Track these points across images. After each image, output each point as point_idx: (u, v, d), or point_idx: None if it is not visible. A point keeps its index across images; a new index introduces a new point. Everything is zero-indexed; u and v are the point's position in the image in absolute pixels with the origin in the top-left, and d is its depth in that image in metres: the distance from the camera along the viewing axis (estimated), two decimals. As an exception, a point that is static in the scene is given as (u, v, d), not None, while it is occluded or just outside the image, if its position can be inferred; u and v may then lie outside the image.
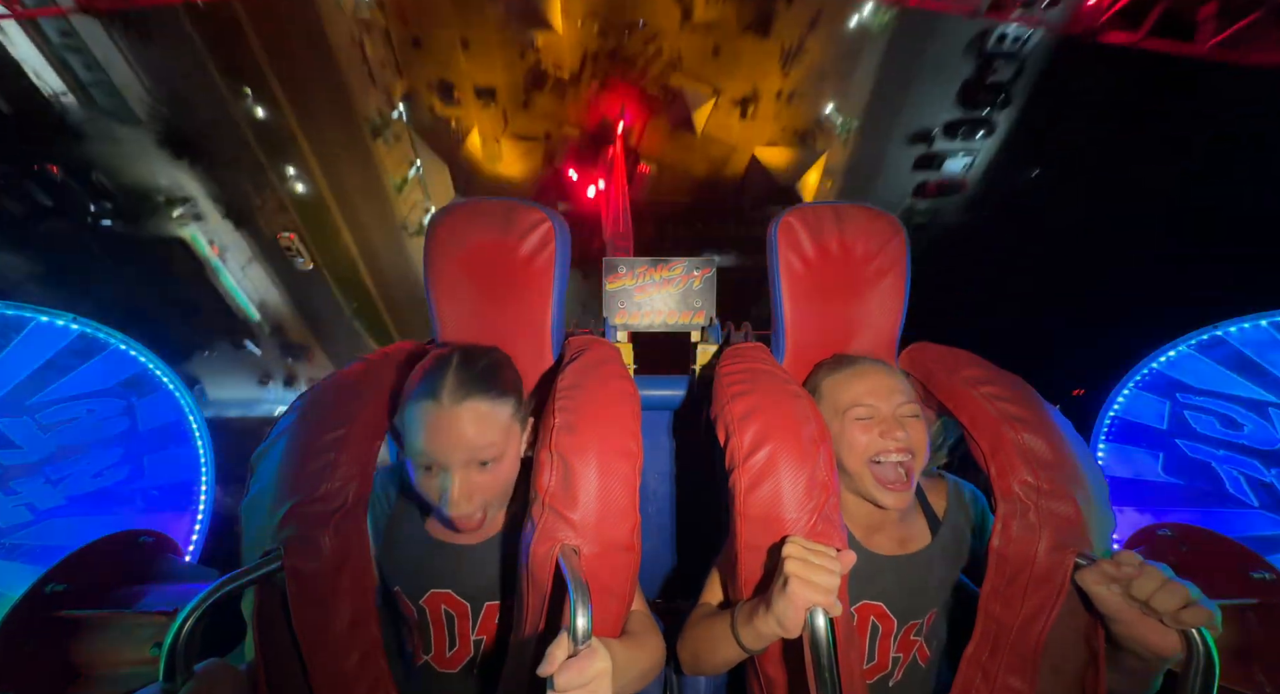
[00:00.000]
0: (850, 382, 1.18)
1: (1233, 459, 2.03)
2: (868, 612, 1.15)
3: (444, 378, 1.01)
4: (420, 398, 1.00)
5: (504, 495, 1.10)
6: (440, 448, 0.98)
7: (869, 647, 1.15)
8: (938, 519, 1.22)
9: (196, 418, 2.05)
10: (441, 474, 0.99)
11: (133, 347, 2.01)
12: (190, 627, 0.84)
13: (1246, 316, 2.05)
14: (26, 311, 1.89)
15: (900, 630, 1.15)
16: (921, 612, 1.16)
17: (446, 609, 1.12)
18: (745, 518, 1.00)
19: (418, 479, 1.02)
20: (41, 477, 1.86)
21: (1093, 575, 0.91)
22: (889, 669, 1.16)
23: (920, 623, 1.16)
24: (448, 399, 0.98)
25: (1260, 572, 1.39)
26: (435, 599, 1.12)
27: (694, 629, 1.11)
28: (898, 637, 1.15)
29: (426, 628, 1.13)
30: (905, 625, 1.15)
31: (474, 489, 1.00)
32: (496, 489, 1.05)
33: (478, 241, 1.28)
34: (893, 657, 1.16)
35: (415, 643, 1.15)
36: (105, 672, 1.36)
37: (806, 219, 1.33)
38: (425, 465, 1.00)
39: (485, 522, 1.06)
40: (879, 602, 1.15)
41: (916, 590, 1.16)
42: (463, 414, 0.98)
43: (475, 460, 1.00)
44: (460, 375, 1.01)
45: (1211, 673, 0.81)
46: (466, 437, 0.98)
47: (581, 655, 0.71)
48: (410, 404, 1.01)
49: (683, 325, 1.76)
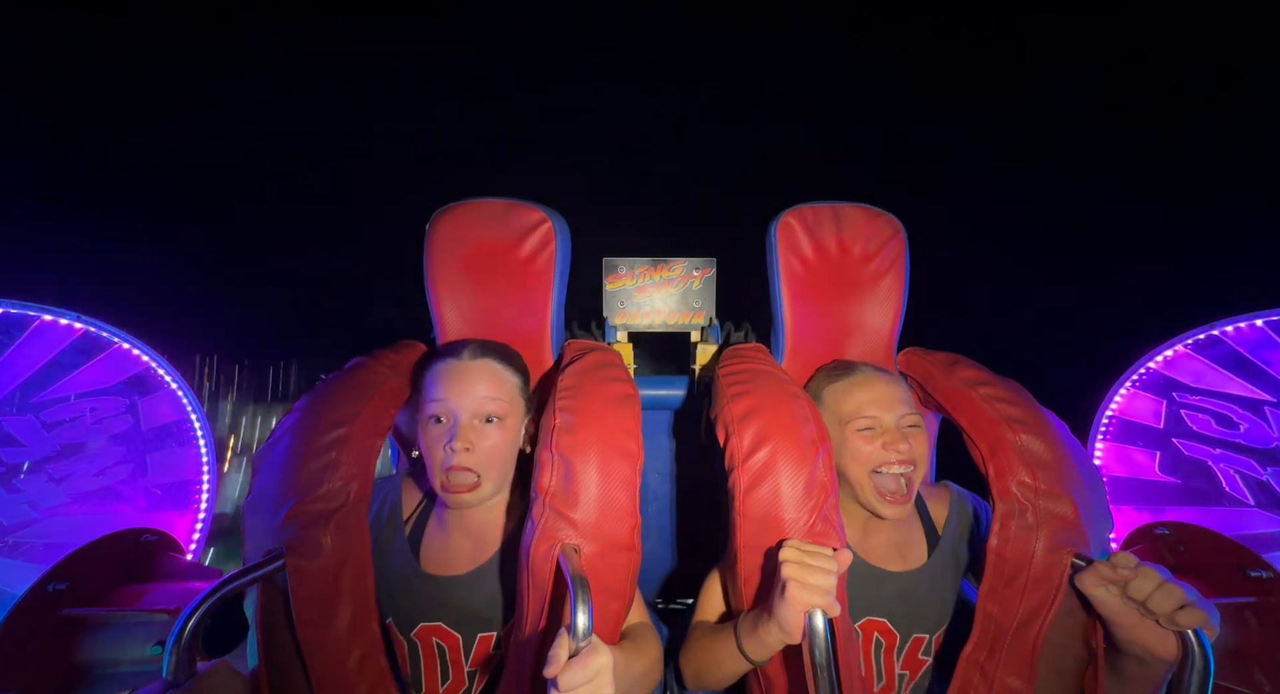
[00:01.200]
0: (852, 391, 1.17)
1: (1229, 458, 2.04)
2: (871, 628, 1.14)
3: (466, 344, 1.14)
4: (442, 358, 1.12)
5: (499, 475, 1.09)
6: (454, 392, 1.06)
7: (874, 664, 1.14)
8: (936, 532, 1.22)
9: (199, 417, 2.06)
10: (451, 424, 1.05)
11: (136, 346, 2.02)
12: (192, 625, 0.84)
13: (1243, 316, 2.06)
14: (30, 310, 1.90)
15: (904, 646, 1.15)
16: (925, 627, 1.15)
17: (438, 641, 1.10)
18: (745, 518, 1.00)
19: (426, 438, 1.07)
20: (44, 475, 1.86)
21: (1090, 578, 0.92)
22: (896, 689, 1.15)
23: (928, 640, 1.15)
24: (467, 355, 1.11)
25: (1258, 570, 1.40)
26: (426, 632, 1.10)
27: (695, 645, 1.10)
28: (902, 653, 1.15)
29: (418, 661, 1.11)
30: (909, 641, 1.15)
31: (476, 440, 1.04)
32: (494, 455, 1.07)
33: (478, 241, 1.29)
34: (898, 674, 1.15)
35: (406, 677, 1.12)
36: (107, 670, 1.37)
37: (805, 219, 1.33)
38: (436, 415, 1.07)
39: (478, 494, 1.05)
40: (881, 617, 1.14)
41: (917, 605, 1.15)
42: (479, 367, 1.10)
43: (483, 412, 1.07)
44: (480, 343, 1.16)
45: (1207, 674, 0.81)
46: (479, 386, 1.08)
47: (583, 653, 0.71)
48: (432, 366, 1.12)
49: (683, 325, 1.77)
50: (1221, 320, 2.10)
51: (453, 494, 1.04)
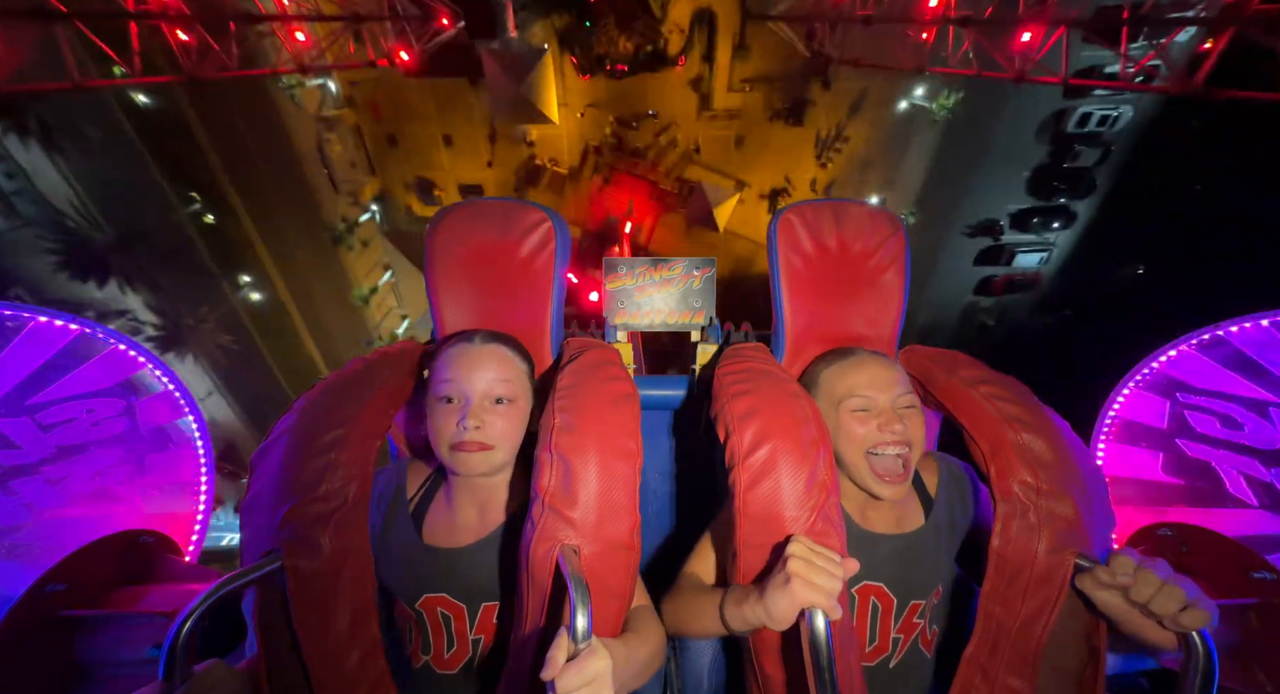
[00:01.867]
0: (848, 372, 1.18)
1: (1233, 459, 2.02)
2: (868, 592, 1.15)
3: (475, 331, 1.19)
4: (454, 343, 1.16)
5: (509, 449, 1.13)
6: (465, 375, 1.11)
7: (870, 628, 1.15)
8: (931, 498, 1.24)
9: (196, 418, 2.05)
10: (462, 404, 1.10)
11: (132, 347, 2.01)
12: (190, 627, 0.84)
13: (1247, 316, 2.05)
14: (25, 312, 1.89)
15: (902, 611, 1.15)
16: (922, 591, 1.17)
17: (443, 611, 1.12)
18: (745, 516, 0.99)
19: (436, 417, 1.10)
20: (41, 477, 1.86)
21: (1091, 582, 0.92)
22: (889, 651, 1.16)
23: (923, 604, 1.16)
24: (479, 340, 1.16)
25: (1260, 571, 1.40)
26: (431, 603, 1.12)
27: (680, 596, 1.12)
28: (899, 617, 1.15)
29: (425, 630, 1.13)
30: (907, 605, 1.15)
31: (487, 418, 1.09)
32: (506, 432, 1.11)
33: (478, 241, 1.29)
34: (893, 637, 1.16)
35: (414, 645, 1.15)
36: (105, 672, 1.36)
37: (805, 217, 1.33)
38: (447, 395, 1.10)
39: (489, 459, 1.09)
40: (878, 582, 1.16)
41: (915, 568, 1.17)
42: (490, 351, 1.15)
43: (493, 394, 1.11)
44: (489, 331, 1.20)
45: (1211, 675, 0.81)
46: (490, 368, 1.12)
47: (582, 656, 0.71)
48: (443, 351, 1.16)
49: (682, 325, 1.76)
50: (1226, 320, 2.09)
51: (464, 453, 1.07)
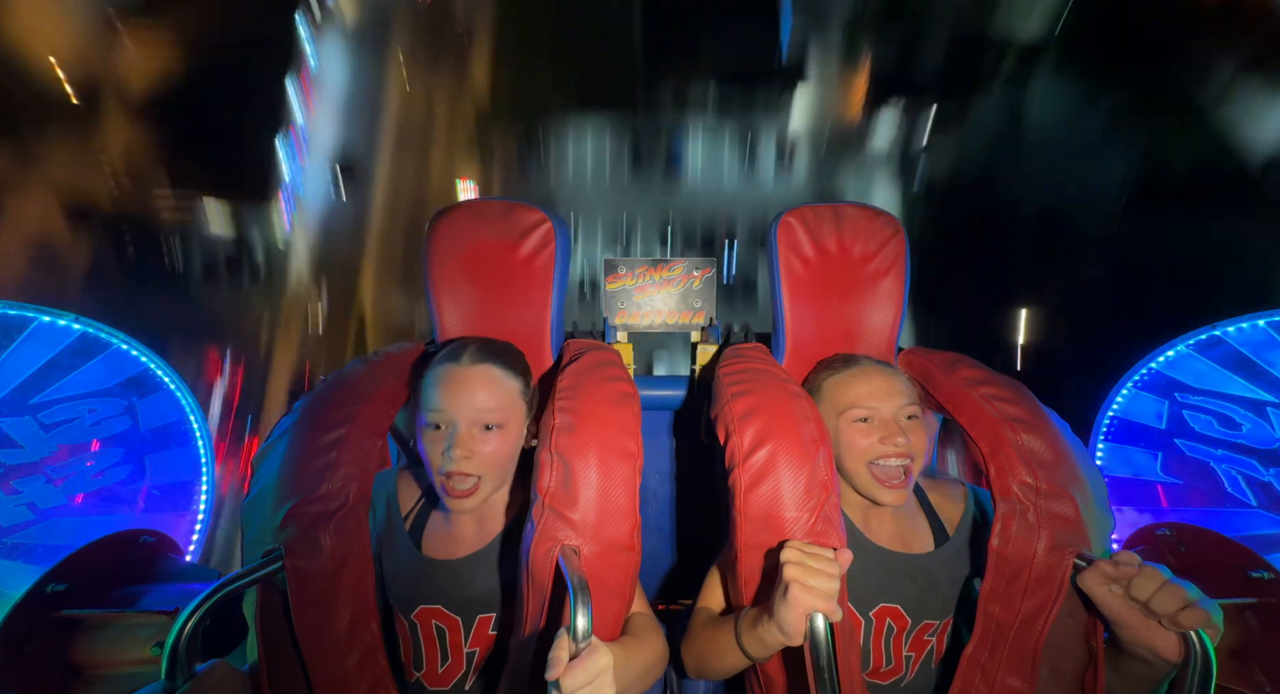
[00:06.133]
0: (851, 382, 1.17)
1: (1231, 458, 2.03)
2: (885, 614, 1.13)
3: (465, 347, 1.10)
4: (441, 362, 1.09)
5: (500, 475, 1.09)
6: (452, 401, 1.04)
7: (884, 649, 1.14)
8: (944, 528, 1.21)
9: (198, 418, 2.06)
10: (449, 432, 1.03)
11: (134, 347, 2.02)
12: (191, 627, 0.84)
13: (1244, 316, 2.06)
14: (29, 311, 1.89)
15: (914, 630, 1.14)
16: (935, 615, 1.15)
17: (437, 624, 1.10)
18: (745, 516, 1.00)
19: (425, 443, 1.05)
20: (43, 476, 1.86)
21: (1092, 577, 0.91)
22: (903, 672, 1.15)
23: (935, 625, 1.15)
24: (467, 360, 1.08)
25: (1259, 571, 1.40)
26: (426, 614, 1.10)
27: (698, 636, 1.10)
28: (910, 636, 1.15)
29: (418, 643, 1.11)
30: (919, 626, 1.14)
31: (476, 448, 1.03)
32: (495, 460, 1.06)
33: (478, 241, 1.29)
34: (905, 655, 1.15)
35: (406, 659, 1.13)
36: (106, 672, 1.36)
37: (805, 219, 1.33)
38: (435, 423, 1.04)
39: (478, 496, 1.05)
40: (895, 603, 1.14)
41: (928, 592, 1.15)
42: (478, 374, 1.06)
43: (481, 421, 1.04)
44: (480, 346, 1.12)
45: (1209, 675, 0.81)
46: (478, 394, 1.05)
47: (583, 655, 0.71)
48: (431, 369, 1.09)
49: (683, 325, 1.76)
50: (1224, 321, 2.09)
51: (452, 498, 1.04)
